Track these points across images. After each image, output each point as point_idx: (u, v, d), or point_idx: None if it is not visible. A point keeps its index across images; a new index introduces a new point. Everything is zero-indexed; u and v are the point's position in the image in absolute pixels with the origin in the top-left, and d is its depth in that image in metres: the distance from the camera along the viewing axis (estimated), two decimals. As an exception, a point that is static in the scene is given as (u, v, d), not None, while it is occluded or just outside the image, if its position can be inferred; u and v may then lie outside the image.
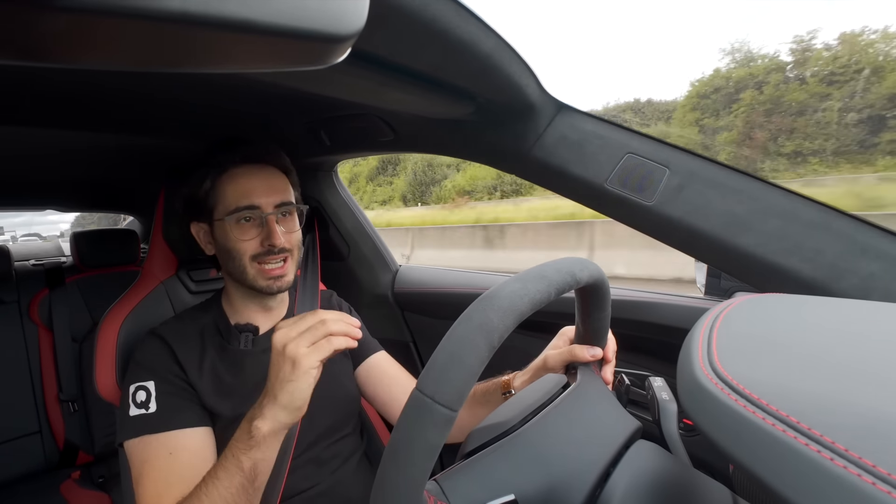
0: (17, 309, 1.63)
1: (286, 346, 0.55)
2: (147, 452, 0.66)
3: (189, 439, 0.69)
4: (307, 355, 0.54)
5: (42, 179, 1.52)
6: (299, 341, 0.54)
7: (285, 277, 0.76)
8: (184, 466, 0.66)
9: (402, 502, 0.34)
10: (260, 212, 0.74)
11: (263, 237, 0.73)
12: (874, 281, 0.56)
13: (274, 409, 0.56)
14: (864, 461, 0.21)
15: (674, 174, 0.67)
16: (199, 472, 0.66)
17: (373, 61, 0.54)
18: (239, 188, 0.74)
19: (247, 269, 0.74)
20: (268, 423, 0.56)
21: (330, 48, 0.24)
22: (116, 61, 0.22)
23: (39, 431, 1.61)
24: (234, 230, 0.73)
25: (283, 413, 0.56)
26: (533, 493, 0.42)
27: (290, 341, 0.55)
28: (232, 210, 0.73)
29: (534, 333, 1.02)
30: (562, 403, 0.51)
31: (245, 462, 0.56)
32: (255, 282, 0.75)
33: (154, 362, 0.73)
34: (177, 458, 0.66)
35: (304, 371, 0.54)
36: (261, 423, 0.56)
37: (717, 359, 0.31)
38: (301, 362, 0.54)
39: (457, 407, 0.34)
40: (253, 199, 0.73)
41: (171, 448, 0.67)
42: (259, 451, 0.57)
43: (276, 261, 0.75)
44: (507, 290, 0.39)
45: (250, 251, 0.74)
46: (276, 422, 0.56)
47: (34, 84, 0.69)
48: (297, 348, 0.54)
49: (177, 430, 0.68)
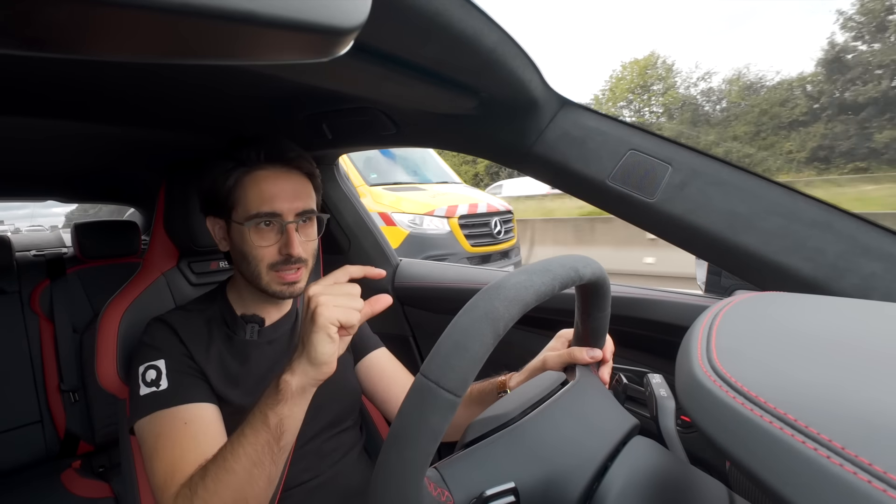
0: (19, 299, 1.64)
1: (311, 297, 0.55)
2: (161, 426, 0.66)
3: (202, 411, 0.69)
4: (327, 311, 0.54)
5: (44, 170, 1.52)
6: (325, 297, 0.55)
7: (298, 284, 0.75)
8: (198, 435, 0.66)
9: (403, 485, 0.34)
10: (281, 219, 0.72)
11: (282, 245, 0.72)
12: (875, 281, 0.56)
13: (302, 364, 0.56)
14: (860, 459, 0.21)
15: (676, 171, 0.67)
16: (214, 441, 0.66)
17: (375, 54, 0.54)
18: (262, 192, 0.72)
19: (262, 276, 0.74)
20: (297, 377, 0.56)
21: (332, 41, 0.24)
22: (118, 52, 0.22)
23: (40, 421, 1.62)
24: (252, 235, 0.72)
25: (310, 368, 0.56)
26: (531, 484, 0.42)
27: (315, 294, 0.55)
28: (252, 215, 0.72)
29: (533, 329, 1.02)
30: (561, 398, 0.51)
31: (272, 418, 0.56)
32: (269, 287, 0.74)
33: (163, 343, 0.73)
34: (191, 428, 0.66)
35: (321, 325, 0.54)
36: (289, 377, 0.56)
37: (715, 356, 0.31)
38: (319, 315, 0.54)
39: (460, 392, 0.34)
40: (275, 206, 0.72)
41: (185, 418, 0.66)
42: (286, 407, 0.56)
43: (291, 269, 0.74)
44: (512, 281, 0.39)
45: (268, 259, 0.73)
46: (304, 376, 0.56)
47: (37, 74, 0.69)
48: (318, 301, 0.55)
49: (190, 403, 0.68)
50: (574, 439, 0.46)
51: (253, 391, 0.75)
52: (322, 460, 0.80)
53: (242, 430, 0.58)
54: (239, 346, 0.78)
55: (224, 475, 0.57)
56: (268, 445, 0.57)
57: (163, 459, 0.63)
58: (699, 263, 0.86)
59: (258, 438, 0.57)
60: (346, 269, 0.60)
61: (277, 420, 0.57)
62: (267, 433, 0.57)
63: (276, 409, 0.57)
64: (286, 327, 0.84)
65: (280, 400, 0.56)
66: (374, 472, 0.36)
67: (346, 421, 0.86)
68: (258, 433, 0.57)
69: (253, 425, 0.58)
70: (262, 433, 0.57)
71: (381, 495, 0.35)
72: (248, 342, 0.78)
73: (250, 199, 0.72)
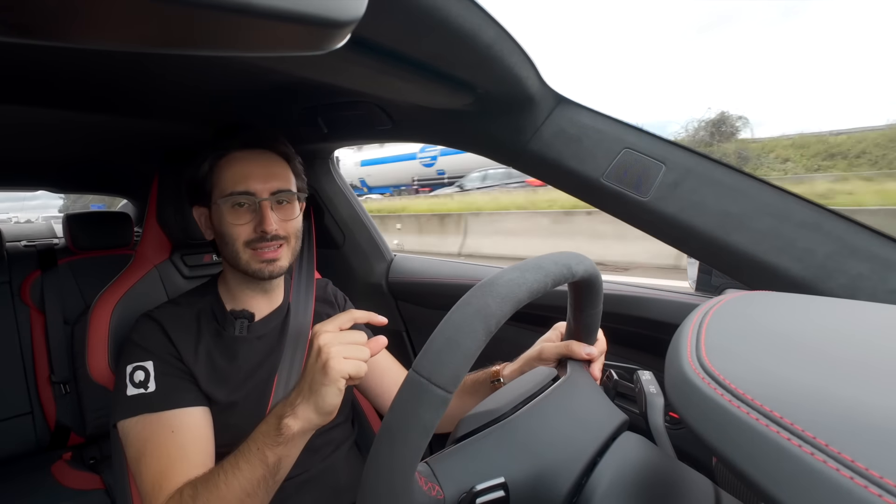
0: (9, 290, 1.62)
1: (322, 348, 0.55)
2: (148, 431, 0.66)
3: (189, 417, 0.69)
4: (338, 364, 0.54)
5: (36, 159, 1.50)
6: (336, 348, 0.55)
7: (278, 262, 0.75)
8: (186, 444, 0.66)
9: (393, 480, 0.35)
10: (255, 198, 0.73)
11: (256, 223, 0.73)
12: (862, 281, 0.57)
13: (306, 411, 0.56)
14: (843, 456, 0.22)
15: (670, 170, 0.68)
16: (201, 449, 0.67)
17: (372, 48, 0.54)
18: (236, 173, 0.73)
19: (240, 254, 0.74)
20: (299, 422, 0.56)
21: (329, 34, 0.24)
22: (112, 41, 0.22)
23: (31, 412, 1.61)
24: (228, 214, 0.73)
25: (314, 416, 0.56)
26: (521, 478, 0.43)
27: (326, 345, 0.55)
28: (227, 194, 0.73)
29: (525, 325, 1.02)
30: (552, 394, 0.51)
31: (270, 457, 0.57)
32: (249, 266, 0.75)
33: (152, 343, 0.73)
34: (178, 436, 0.66)
35: (333, 379, 0.54)
36: (292, 422, 0.56)
37: (704, 354, 0.32)
38: (331, 369, 0.54)
39: (452, 389, 0.35)
40: (249, 185, 0.73)
41: (172, 426, 0.67)
42: (286, 449, 0.57)
43: (269, 247, 0.74)
44: (505, 278, 0.39)
45: (243, 237, 0.73)
46: (307, 422, 0.57)
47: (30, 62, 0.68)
48: (330, 354, 0.55)
49: (177, 408, 0.68)
50: (564, 434, 0.47)
51: (240, 387, 0.75)
52: (312, 456, 0.80)
53: (237, 462, 0.59)
54: (228, 342, 0.77)
55: (215, 501, 0.57)
56: (263, 479, 0.58)
57: (150, 467, 0.64)
58: (691, 262, 0.87)
59: (254, 473, 0.57)
60: (352, 314, 0.60)
61: (276, 459, 0.57)
62: (264, 470, 0.57)
63: (275, 449, 0.57)
64: (276, 322, 0.84)
65: (280, 442, 0.57)
66: (365, 467, 0.36)
67: (338, 417, 0.86)
68: (254, 469, 0.57)
69: (249, 460, 0.58)
70: (258, 469, 0.57)
71: (372, 490, 0.35)
72: (237, 338, 0.78)
73: (225, 180, 0.74)
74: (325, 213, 1.37)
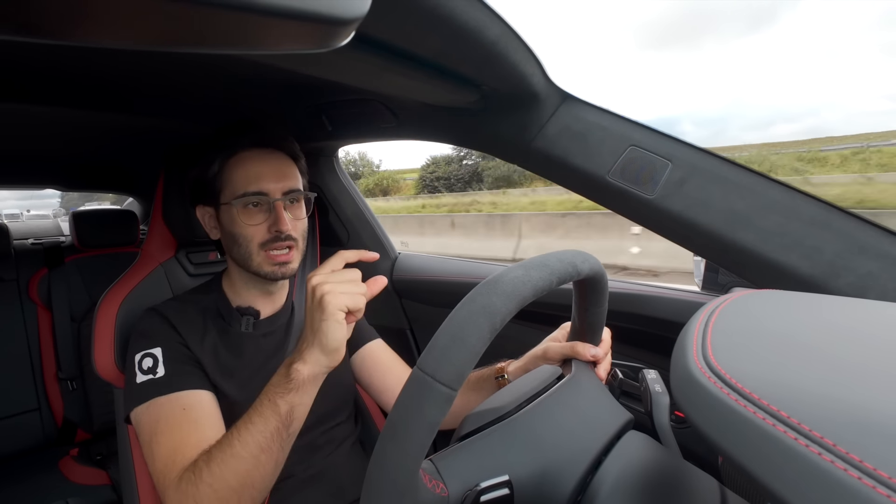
0: (16, 287, 1.64)
1: (315, 287, 0.56)
2: (159, 413, 0.66)
3: (200, 397, 0.69)
4: (334, 299, 0.55)
5: (42, 157, 1.51)
6: (329, 285, 0.56)
7: (290, 265, 0.76)
8: (198, 419, 0.66)
9: (398, 478, 0.35)
10: (268, 198, 0.73)
11: (271, 223, 0.73)
12: (871, 280, 0.56)
13: (312, 353, 0.56)
14: (851, 456, 0.21)
15: (676, 168, 0.67)
16: (213, 427, 0.66)
17: (376, 46, 0.53)
18: (248, 173, 0.73)
19: (253, 256, 0.74)
20: (308, 366, 0.57)
21: (333, 31, 0.24)
22: (117, 40, 0.22)
23: (38, 409, 1.63)
24: (241, 215, 0.73)
25: (322, 356, 0.56)
26: (526, 477, 0.43)
27: (319, 283, 0.56)
28: (240, 194, 0.72)
29: (530, 324, 1.02)
30: (557, 392, 0.51)
31: (282, 406, 0.57)
32: (261, 268, 0.75)
33: (159, 332, 0.73)
34: (190, 413, 0.66)
35: (331, 312, 0.55)
36: (301, 367, 0.57)
37: (711, 353, 0.31)
38: (327, 303, 0.55)
39: (456, 386, 0.35)
40: (262, 185, 0.73)
41: (184, 404, 0.67)
42: (297, 395, 0.57)
43: (282, 248, 0.74)
44: (510, 276, 0.39)
45: (258, 238, 0.73)
46: (316, 364, 0.57)
47: (35, 61, 0.68)
48: (324, 290, 0.55)
49: (188, 390, 0.68)
50: (569, 433, 0.47)
51: (247, 384, 0.75)
52: (315, 453, 0.80)
53: (250, 416, 0.58)
54: (234, 338, 0.78)
55: (231, 460, 0.57)
56: (277, 432, 0.57)
57: (163, 444, 0.63)
58: (697, 261, 0.86)
59: (267, 426, 0.57)
60: (341, 254, 0.60)
61: (288, 408, 0.57)
62: (277, 420, 0.57)
63: (286, 397, 0.57)
64: (282, 321, 0.84)
65: (291, 388, 0.57)
66: (369, 465, 0.36)
67: (340, 416, 0.86)
68: (267, 420, 0.57)
69: (261, 412, 0.58)
70: (271, 420, 0.57)
71: (376, 487, 0.35)
72: (244, 334, 0.78)
73: (237, 180, 0.73)
74: (330, 210, 1.37)
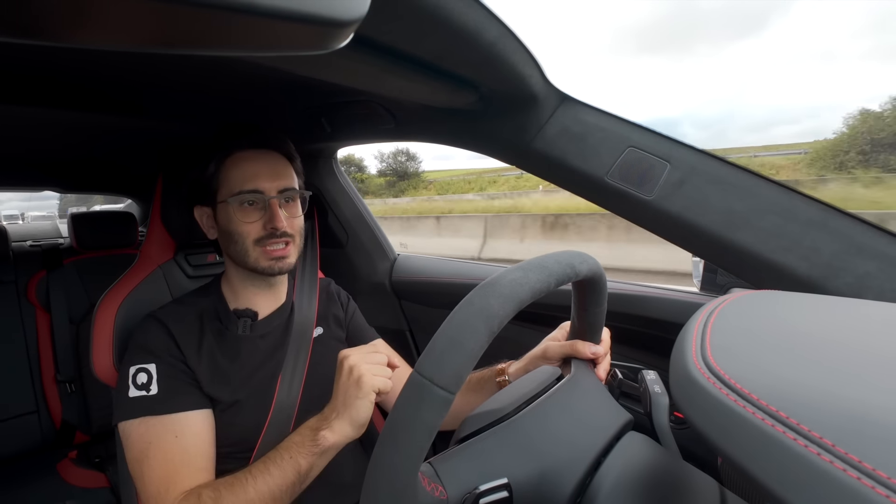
0: (15, 289, 1.63)
1: (353, 367, 0.61)
2: (151, 434, 0.67)
3: (192, 421, 0.69)
4: (370, 379, 0.60)
5: (41, 159, 1.51)
6: (366, 366, 0.61)
7: (287, 259, 0.77)
8: (189, 449, 0.67)
9: (397, 481, 0.35)
10: (263, 196, 0.74)
11: (266, 220, 0.74)
12: (869, 280, 0.56)
13: (342, 425, 0.61)
14: (850, 457, 0.21)
15: (675, 169, 0.67)
16: (203, 453, 0.68)
17: (375, 47, 0.53)
18: (243, 172, 0.75)
19: (249, 252, 0.75)
20: (335, 435, 0.61)
21: (332, 33, 0.24)
22: (116, 42, 0.22)
23: (37, 411, 1.62)
24: (237, 213, 0.74)
25: (349, 429, 0.61)
26: (525, 478, 0.43)
27: (357, 364, 0.61)
28: (235, 193, 0.74)
29: (529, 325, 1.02)
30: (556, 394, 0.51)
31: (304, 465, 0.62)
32: (258, 263, 0.75)
33: (155, 345, 0.73)
34: (182, 441, 0.67)
35: (366, 392, 0.59)
36: (329, 434, 0.61)
37: (710, 353, 0.32)
38: (364, 383, 0.59)
39: (455, 389, 0.35)
40: (257, 184, 0.74)
41: (175, 431, 0.67)
42: (320, 459, 0.62)
43: (278, 243, 0.75)
44: (508, 278, 0.39)
45: (253, 235, 0.75)
46: (342, 435, 0.61)
47: (34, 63, 0.68)
48: (361, 371, 0.60)
49: (180, 412, 0.69)
50: (568, 434, 0.47)
51: (243, 386, 0.75)
52: None
53: (267, 467, 0.62)
54: (230, 341, 0.78)
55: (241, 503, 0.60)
56: (292, 486, 0.61)
57: (154, 470, 0.65)
58: (696, 261, 0.86)
59: (285, 479, 0.61)
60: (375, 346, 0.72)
61: (308, 467, 0.62)
62: (296, 476, 0.61)
63: (310, 458, 0.62)
64: (280, 320, 0.84)
65: (316, 452, 0.61)
66: (368, 467, 0.36)
67: None
68: (286, 474, 0.61)
69: (281, 466, 0.62)
70: (290, 475, 0.61)
71: (375, 490, 0.35)
72: (241, 337, 0.78)
73: (233, 179, 0.75)
74: (329, 212, 1.37)
